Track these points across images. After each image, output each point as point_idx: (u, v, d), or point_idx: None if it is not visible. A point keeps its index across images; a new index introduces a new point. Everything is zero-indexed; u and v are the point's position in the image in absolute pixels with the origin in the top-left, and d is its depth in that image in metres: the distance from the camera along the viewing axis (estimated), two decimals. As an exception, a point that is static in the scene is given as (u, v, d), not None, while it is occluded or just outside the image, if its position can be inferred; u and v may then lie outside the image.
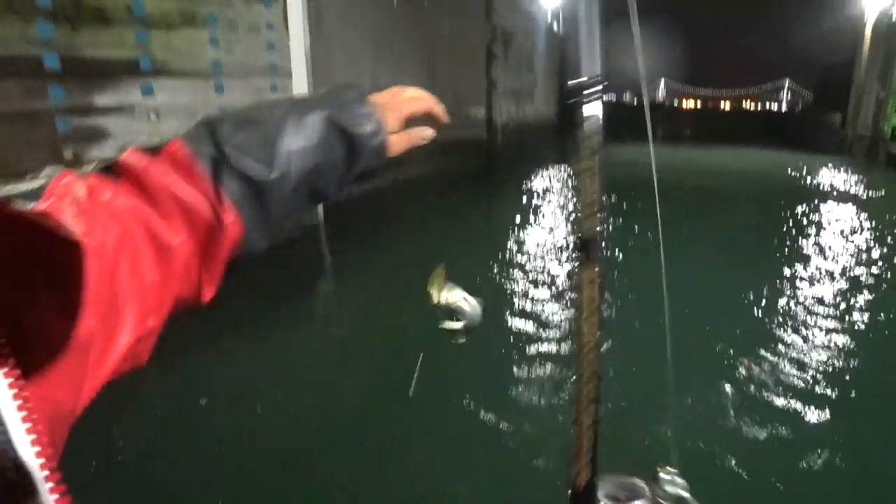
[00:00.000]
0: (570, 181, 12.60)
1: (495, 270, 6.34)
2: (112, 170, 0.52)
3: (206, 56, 5.80)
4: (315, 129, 0.60)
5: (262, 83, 6.50)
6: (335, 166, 0.63)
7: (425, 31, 11.28)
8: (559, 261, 6.90)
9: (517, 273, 6.29)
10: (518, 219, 9.03)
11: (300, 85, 6.83)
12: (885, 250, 7.58)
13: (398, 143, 0.69)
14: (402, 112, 0.70)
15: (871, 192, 12.36)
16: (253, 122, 0.58)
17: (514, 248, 7.39)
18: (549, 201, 10.79)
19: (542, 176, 13.52)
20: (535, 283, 5.99)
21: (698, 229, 7.83)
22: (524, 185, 12.13)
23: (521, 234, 8.19)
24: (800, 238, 8.11)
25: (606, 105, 0.76)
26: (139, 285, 0.48)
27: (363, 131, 0.64)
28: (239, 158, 0.55)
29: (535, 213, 9.58)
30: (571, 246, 7.69)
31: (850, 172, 14.99)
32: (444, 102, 0.74)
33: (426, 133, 0.72)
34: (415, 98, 0.72)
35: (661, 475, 0.96)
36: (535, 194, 11.41)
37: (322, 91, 0.66)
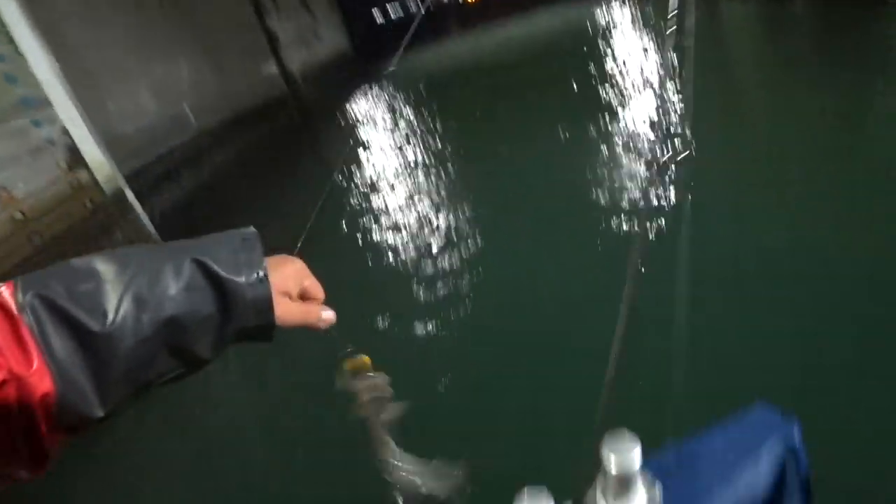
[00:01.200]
0: (388, 94, 12.59)
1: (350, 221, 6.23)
2: None
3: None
4: (175, 276, 0.52)
5: (20, 123, 5.55)
6: (204, 320, 0.53)
7: (187, 7, 10.16)
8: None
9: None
10: (357, 150, 8.85)
11: (66, 110, 5.93)
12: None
13: (291, 312, 0.60)
14: (299, 277, 0.62)
15: (644, 21, 13.59)
16: (98, 271, 0.50)
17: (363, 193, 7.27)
18: (378, 128, 10.59)
19: (358, 105, 13.27)
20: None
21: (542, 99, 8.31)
22: (348, 118, 11.83)
23: (368, 170, 8.05)
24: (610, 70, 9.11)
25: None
26: None
27: (240, 280, 0.54)
28: (69, 307, 0.48)
29: (370, 140, 9.42)
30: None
31: (623, 8, 16.44)
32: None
33: (328, 315, 0.64)
34: (315, 284, 0.64)
35: None
36: (360, 125, 11.12)
37: (209, 235, 0.58)
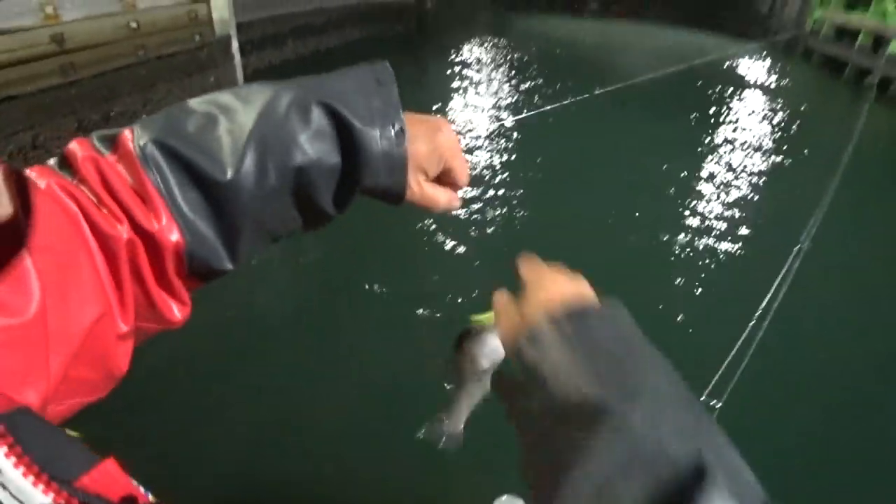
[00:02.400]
0: (507, 49, 12.16)
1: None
2: (61, 160, 0.45)
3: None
4: (303, 121, 0.47)
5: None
6: (330, 172, 0.49)
7: None
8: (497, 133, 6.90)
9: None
10: (453, 89, 8.78)
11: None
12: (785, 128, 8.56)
13: (421, 193, 0.53)
14: (445, 155, 0.53)
15: (782, 82, 12.93)
16: (219, 114, 0.46)
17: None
18: (486, 71, 10.16)
19: (479, 43, 12.48)
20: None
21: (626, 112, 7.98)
22: (457, 54, 11.16)
23: (457, 104, 8.05)
24: (716, 118, 8.84)
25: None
26: (86, 281, 0.42)
27: (373, 132, 0.48)
28: (192, 156, 0.45)
29: (471, 86, 9.13)
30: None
31: (766, 60, 15.38)
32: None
33: (455, 201, 0.56)
34: (462, 166, 0.56)
35: None
36: (471, 64, 10.51)
37: (337, 72, 0.52)
